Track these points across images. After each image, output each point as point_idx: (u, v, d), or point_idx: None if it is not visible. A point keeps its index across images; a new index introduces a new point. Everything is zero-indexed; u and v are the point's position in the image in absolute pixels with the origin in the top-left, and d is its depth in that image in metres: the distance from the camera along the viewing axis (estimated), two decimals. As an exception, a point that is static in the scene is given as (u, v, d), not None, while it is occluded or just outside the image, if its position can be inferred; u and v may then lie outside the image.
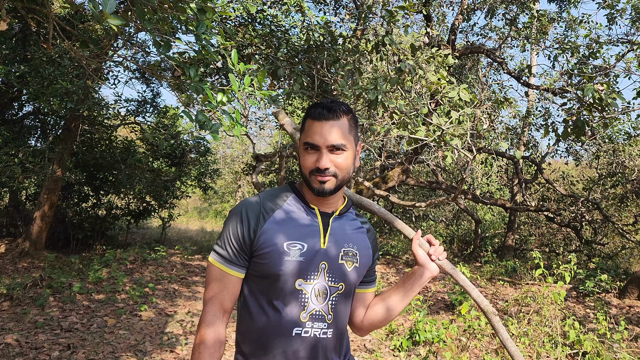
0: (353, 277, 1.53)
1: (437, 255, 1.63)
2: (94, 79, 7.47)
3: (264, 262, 1.43)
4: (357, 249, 1.56)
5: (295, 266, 1.42)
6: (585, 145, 11.03)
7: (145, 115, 10.54)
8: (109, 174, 10.65)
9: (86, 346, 4.60)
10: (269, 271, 1.42)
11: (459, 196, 6.45)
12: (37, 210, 8.96)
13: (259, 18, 7.33)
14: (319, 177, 1.46)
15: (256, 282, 1.46)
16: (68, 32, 4.66)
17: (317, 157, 1.46)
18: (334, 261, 1.49)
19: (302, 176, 1.51)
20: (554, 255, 11.67)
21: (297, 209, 1.52)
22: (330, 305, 1.48)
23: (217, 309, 1.45)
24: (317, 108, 1.49)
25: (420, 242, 1.66)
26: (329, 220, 1.53)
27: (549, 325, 4.81)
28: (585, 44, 8.49)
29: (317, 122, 1.47)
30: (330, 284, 1.48)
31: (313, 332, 1.45)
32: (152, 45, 2.96)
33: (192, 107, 5.71)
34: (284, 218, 1.48)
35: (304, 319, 1.44)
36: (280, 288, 1.43)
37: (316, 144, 1.46)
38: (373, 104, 5.24)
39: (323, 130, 1.46)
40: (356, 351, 4.91)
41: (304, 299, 1.44)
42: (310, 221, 1.50)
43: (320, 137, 1.46)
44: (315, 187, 1.47)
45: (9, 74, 7.44)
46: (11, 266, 8.08)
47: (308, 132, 1.48)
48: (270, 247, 1.42)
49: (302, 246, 1.44)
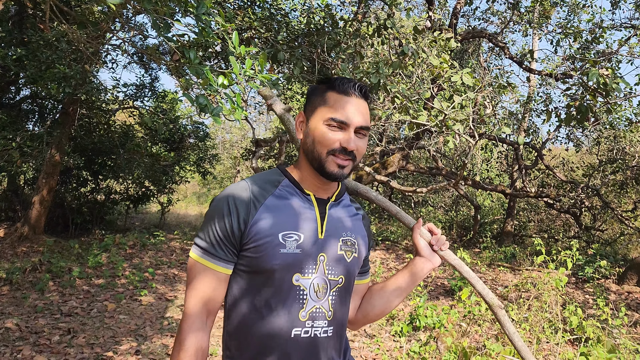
0: (353, 268, 1.41)
1: (439, 245, 1.51)
2: (92, 63, 7.38)
3: (256, 255, 1.27)
4: (355, 238, 1.43)
5: (292, 259, 1.28)
6: (586, 131, 10.99)
7: (143, 99, 10.46)
8: (107, 158, 10.60)
9: (86, 330, 4.60)
10: (262, 266, 1.27)
11: (459, 182, 6.41)
12: (35, 195, 8.92)
13: (258, 1, 7.23)
14: (340, 160, 1.30)
15: (247, 278, 1.30)
16: (66, 14, 4.58)
17: (344, 137, 1.30)
18: (333, 252, 1.36)
19: (311, 155, 1.34)
20: (552, 241, 11.69)
21: (291, 195, 1.36)
22: (330, 301, 1.35)
23: (201, 311, 1.28)
24: (344, 83, 1.34)
25: (421, 231, 1.53)
26: (326, 207, 1.39)
27: (549, 311, 4.82)
28: (588, 28, 8.42)
29: (347, 97, 1.32)
30: (330, 277, 1.34)
31: (313, 332, 1.32)
32: (152, 27, 2.90)
33: (191, 90, 5.64)
34: (277, 205, 1.32)
35: (303, 318, 1.30)
36: (276, 285, 1.28)
37: (346, 122, 1.30)
38: (375, 87, 5.19)
39: (353, 108, 1.31)
40: (357, 336, 4.92)
41: (303, 296, 1.30)
42: (306, 208, 1.35)
43: (353, 115, 1.31)
44: (331, 170, 1.31)
45: (5, 57, 7.34)
46: (10, 250, 8.06)
47: (335, 106, 1.31)
48: (265, 239, 1.27)
49: (299, 237, 1.30)
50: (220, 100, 4.55)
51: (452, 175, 10.42)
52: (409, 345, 4.55)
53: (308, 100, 1.40)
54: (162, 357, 4.18)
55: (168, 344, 4.45)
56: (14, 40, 7.74)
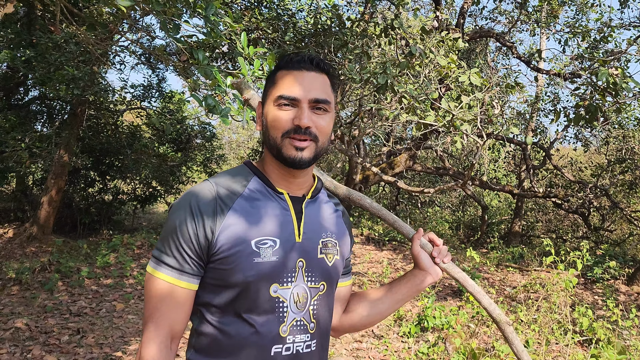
0: (335, 272, 1.27)
1: (441, 257, 1.37)
2: (100, 64, 7.42)
3: (227, 267, 1.11)
4: (336, 238, 1.30)
5: (268, 269, 1.13)
6: (594, 131, 10.93)
7: (150, 100, 10.52)
8: (115, 159, 10.66)
9: (95, 330, 4.62)
10: (235, 279, 1.11)
11: (467, 182, 6.39)
12: (44, 195, 8.98)
13: (265, 1, 7.24)
14: (297, 141, 1.15)
15: (218, 292, 1.14)
16: (75, 16, 4.61)
17: (296, 114, 1.15)
18: (313, 256, 1.22)
19: (268, 144, 1.20)
20: (560, 242, 11.63)
21: (262, 195, 1.20)
22: (311, 312, 1.21)
23: (164, 334, 1.12)
24: (293, 58, 1.20)
25: (421, 242, 1.39)
26: (302, 206, 1.24)
27: (558, 312, 4.79)
28: (596, 27, 8.36)
29: (296, 71, 1.18)
30: (309, 285, 1.20)
31: (295, 347, 1.18)
32: (160, 28, 2.91)
33: (198, 91, 5.66)
34: (247, 208, 1.16)
35: (284, 333, 1.16)
36: (251, 298, 1.13)
37: (295, 97, 1.15)
38: (382, 88, 5.18)
39: (305, 81, 1.17)
40: (364, 337, 4.92)
41: (283, 309, 1.16)
42: (280, 209, 1.20)
43: (301, 89, 1.16)
44: (289, 155, 1.16)
45: (14, 59, 7.39)
46: (19, 250, 8.12)
47: (281, 84, 1.18)
48: (235, 248, 1.12)
49: (274, 242, 1.15)
50: (228, 100, 4.55)
51: (459, 176, 10.39)
52: (417, 346, 4.54)
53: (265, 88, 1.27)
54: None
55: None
56: (23, 42, 7.79)
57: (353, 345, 4.67)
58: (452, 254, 9.85)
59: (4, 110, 9.50)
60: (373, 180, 10.76)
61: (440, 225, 12.92)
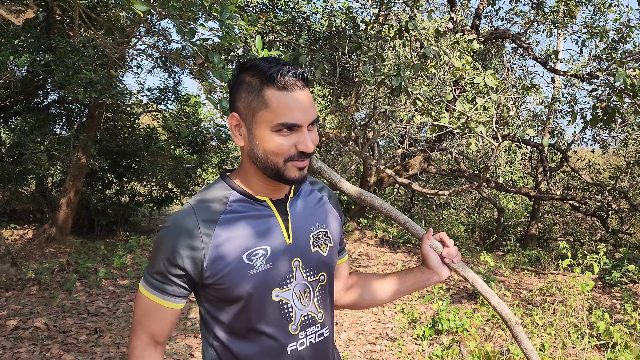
0: (331, 260, 1.30)
1: (451, 257, 1.38)
2: (117, 68, 7.53)
3: (223, 287, 1.14)
4: (326, 227, 1.31)
5: (264, 277, 1.16)
6: (613, 132, 10.78)
7: (167, 103, 10.63)
8: (131, 161, 10.79)
9: (112, 330, 4.68)
10: (233, 295, 1.14)
11: (482, 184, 6.36)
12: (62, 197, 9.12)
13: (280, 4, 7.28)
14: (300, 164, 1.15)
15: (223, 308, 1.17)
16: (93, 20, 4.69)
17: (298, 139, 1.12)
18: (307, 252, 1.24)
19: (263, 165, 1.16)
20: (578, 245, 11.49)
21: (244, 207, 1.19)
22: (316, 303, 1.25)
23: (147, 342, 1.21)
24: (281, 74, 1.11)
25: (431, 242, 1.40)
26: (286, 207, 1.24)
27: (575, 316, 4.74)
28: (614, 28, 8.26)
29: (290, 93, 1.11)
30: (310, 279, 1.23)
31: (308, 340, 1.22)
32: (176, 32, 2.95)
33: (214, 94, 5.70)
34: (231, 225, 1.16)
35: (294, 331, 1.20)
36: (256, 308, 1.16)
37: (297, 123, 1.11)
38: (396, 90, 5.18)
39: (301, 104, 1.12)
40: (378, 339, 4.91)
41: (288, 309, 1.19)
42: (265, 217, 1.20)
43: (301, 114, 1.12)
44: (292, 176, 1.15)
45: (34, 63, 7.54)
46: (38, 251, 8.26)
47: (277, 108, 1.10)
48: (227, 268, 1.13)
49: (266, 250, 1.17)
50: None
51: (474, 178, 10.33)
52: (432, 349, 4.53)
53: (237, 97, 1.17)
54: (186, 357, 4.23)
55: (192, 345, 4.50)
56: (42, 46, 7.94)
57: (367, 347, 4.67)
58: (467, 256, 9.79)
59: (23, 113, 9.69)
60: (387, 182, 10.75)
61: (456, 227, 12.84)
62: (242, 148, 1.20)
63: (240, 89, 1.15)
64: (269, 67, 1.11)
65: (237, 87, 1.16)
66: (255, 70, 1.13)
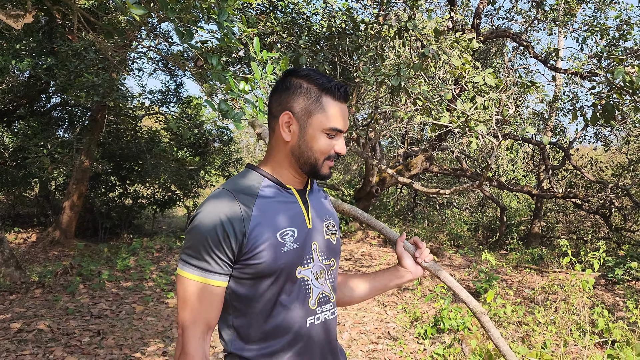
0: (339, 248, 1.49)
1: (423, 258, 1.59)
2: (119, 71, 7.56)
3: (260, 261, 1.25)
4: (333, 220, 1.50)
5: (293, 255, 1.30)
6: (614, 130, 10.76)
7: (169, 105, 10.66)
8: (134, 163, 10.83)
9: (115, 332, 4.71)
10: (269, 269, 1.26)
11: (484, 183, 6.37)
12: (66, 200, 9.16)
13: (280, 6, 7.30)
14: (331, 163, 1.37)
15: (253, 284, 1.28)
16: (93, 24, 4.72)
17: (339, 143, 1.36)
18: (322, 238, 1.41)
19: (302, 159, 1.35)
20: (581, 243, 11.47)
21: (275, 193, 1.35)
22: (329, 284, 1.42)
23: (203, 330, 1.26)
24: (334, 87, 1.35)
25: (405, 244, 1.61)
26: (306, 197, 1.42)
27: (576, 314, 4.74)
28: (615, 25, 8.25)
29: (340, 103, 1.36)
30: (324, 262, 1.40)
31: (323, 316, 1.38)
32: (175, 34, 2.97)
33: (214, 96, 5.73)
34: (266, 207, 1.31)
35: (313, 306, 1.35)
36: (282, 283, 1.29)
37: (342, 130, 1.35)
38: (396, 90, 5.19)
39: (345, 115, 1.36)
40: (380, 338, 4.92)
41: (307, 286, 1.34)
42: (291, 203, 1.37)
43: (344, 123, 1.36)
44: (324, 173, 1.37)
45: (36, 67, 7.58)
46: (42, 254, 8.30)
47: (334, 115, 1.34)
48: (265, 243, 1.26)
49: (293, 232, 1.32)
50: (243, 105, 4.62)
51: (476, 177, 10.32)
52: (433, 347, 4.53)
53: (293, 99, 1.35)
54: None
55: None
56: (44, 50, 7.98)
57: (369, 347, 4.68)
58: (471, 255, 9.79)
59: (26, 117, 9.74)
60: (390, 182, 10.75)
61: (459, 226, 12.84)
62: (284, 142, 1.36)
63: (297, 92, 1.34)
64: (327, 80, 1.34)
65: (294, 90, 1.35)
66: (312, 79, 1.34)
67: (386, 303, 6.20)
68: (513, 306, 5.12)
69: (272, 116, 1.39)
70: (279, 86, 1.38)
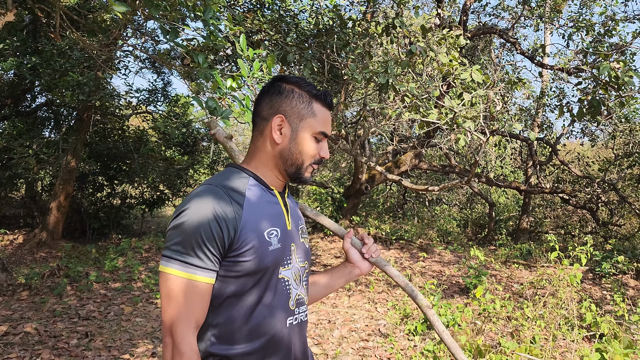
0: (310, 251, 1.51)
1: (370, 253, 1.63)
2: (105, 70, 7.49)
3: (249, 259, 1.25)
4: (304, 224, 1.54)
5: (277, 254, 1.32)
6: (601, 125, 10.86)
7: (156, 104, 10.59)
8: (122, 163, 10.74)
9: (104, 334, 4.66)
10: (256, 267, 1.26)
11: (472, 179, 6.38)
12: (53, 201, 9.06)
13: (267, 3, 7.27)
14: (314, 167, 1.43)
15: (238, 284, 1.26)
16: (77, 23, 4.66)
17: (323, 147, 1.42)
18: (298, 240, 1.44)
19: (291, 161, 1.39)
20: (569, 238, 11.57)
21: (260, 192, 1.36)
22: (305, 287, 1.44)
23: (193, 328, 1.22)
24: (323, 94, 1.42)
25: (352, 240, 1.65)
26: (285, 199, 1.46)
27: (565, 308, 4.77)
28: (600, 21, 8.31)
29: (328, 110, 1.43)
30: (300, 264, 1.42)
31: (299, 317, 1.40)
32: (160, 33, 2.94)
33: (202, 94, 5.69)
34: (254, 204, 1.32)
35: (292, 306, 1.36)
36: (266, 281, 1.29)
37: (329, 134, 1.42)
38: (384, 87, 5.19)
39: (330, 121, 1.43)
40: (371, 335, 4.92)
41: (288, 287, 1.36)
42: (275, 203, 1.39)
43: (330, 127, 1.43)
44: (306, 177, 1.41)
45: (20, 66, 7.48)
46: (29, 256, 8.20)
47: (324, 120, 1.41)
48: (254, 241, 1.26)
49: (277, 232, 1.33)
50: (230, 103, 4.59)
51: (465, 173, 10.37)
52: (424, 344, 4.55)
53: (285, 102, 1.38)
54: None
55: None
56: (29, 49, 7.88)
57: (359, 344, 4.68)
58: (460, 251, 9.83)
59: (11, 117, 9.62)
60: (379, 179, 10.77)
61: (448, 223, 12.89)
62: (273, 144, 1.39)
63: (290, 96, 1.39)
64: (315, 88, 1.41)
65: (287, 95, 1.39)
66: (303, 86, 1.40)
67: (376, 300, 6.20)
68: (502, 301, 5.14)
69: (261, 118, 1.40)
70: (269, 90, 1.41)
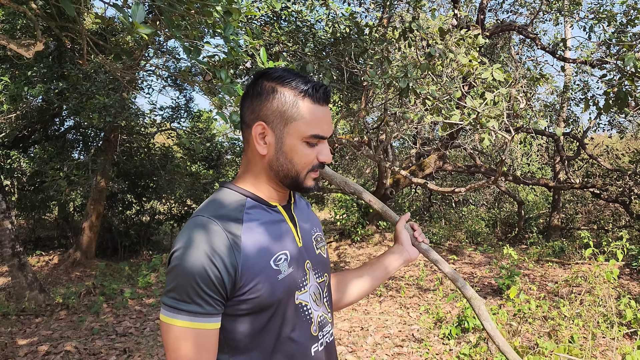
0: (329, 261, 1.35)
1: (422, 238, 1.55)
2: (129, 90, 7.66)
3: (258, 294, 1.09)
4: (319, 229, 1.36)
5: (289, 281, 1.15)
6: (629, 117, 10.61)
7: (180, 120, 10.77)
8: (149, 180, 10.94)
9: (141, 349, 4.74)
10: (267, 302, 1.11)
11: (499, 178, 6.31)
12: (85, 221, 9.27)
13: (284, 15, 7.35)
14: (315, 174, 1.20)
15: (251, 321, 1.11)
16: (101, 47, 4.79)
17: (320, 150, 1.18)
18: (313, 254, 1.27)
19: (284, 173, 1.18)
20: (603, 233, 11.31)
21: (261, 214, 1.18)
22: (326, 303, 1.28)
23: None
24: (313, 88, 1.15)
25: (405, 225, 1.59)
26: (292, 212, 1.27)
27: (603, 305, 4.67)
28: (622, 11, 8.16)
29: (320, 106, 1.16)
30: (318, 280, 1.26)
31: (325, 340, 1.24)
32: (182, 51, 3.01)
33: (225, 109, 5.77)
34: (254, 232, 1.13)
35: (315, 332, 1.20)
36: (282, 313, 1.14)
37: (325, 136, 1.17)
38: (404, 92, 5.19)
39: (328, 119, 1.17)
40: (405, 341, 4.89)
41: (308, 311, 1.20)
42: (279, 222, 1.20)
43: (327, 128, 1.17)
44: (309, 186, 1.20)
45: (48, 92, 7.71)
46: (65, 276, 8.40)
47: (314, 120, 1.15)
48: (260, 274, 1.10)
49: (286, 255, 1.16)
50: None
51: (491, 172, 10.25)
52: (459, 347, 4.50)
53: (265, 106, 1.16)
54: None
55: None
56: (55, 75, 8.12)
57: (394, 350, 4.66)
58: (490, 252, 9.70)
59: (41, 141, 9.90)
60: (404, 183, 10.71)
61: (477, 223, 12.73)
62: (260, 156, 1.19)
63: (270, 97, 1.15)
64: (304, 81, 1.15)
65: (266, 96, 1.15)
66: (286, 82, 1.14)
67: (408, 305, 6.16)
68: (537, 301, 5.06)
69: (245, 125, 1.20)
70: (249, 91, 1.19)
